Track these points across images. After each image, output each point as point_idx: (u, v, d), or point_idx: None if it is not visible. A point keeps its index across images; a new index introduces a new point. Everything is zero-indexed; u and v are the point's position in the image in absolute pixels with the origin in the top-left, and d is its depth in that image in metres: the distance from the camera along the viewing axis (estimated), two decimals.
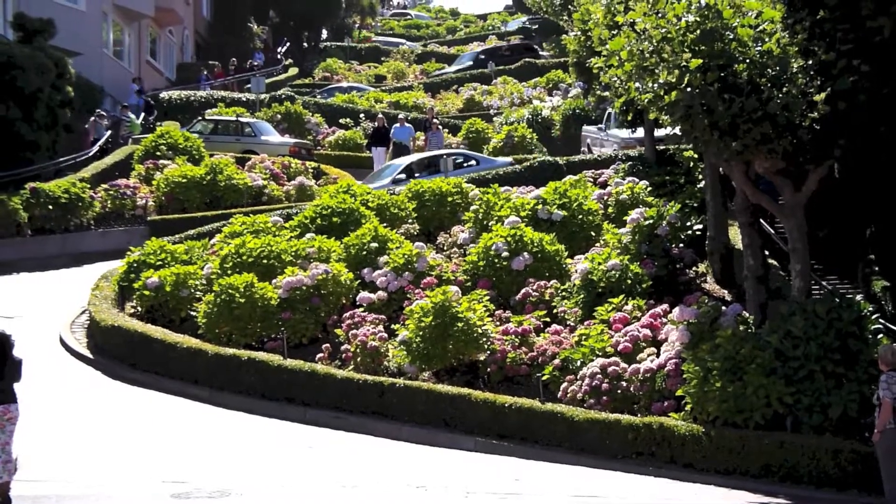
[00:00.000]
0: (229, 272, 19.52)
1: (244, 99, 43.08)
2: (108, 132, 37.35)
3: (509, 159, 30.68)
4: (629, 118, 23.50)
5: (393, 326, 17.84)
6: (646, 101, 14.68)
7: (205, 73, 51.86)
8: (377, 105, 44.58)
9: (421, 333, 16.62)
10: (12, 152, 30.16)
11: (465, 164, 29.50)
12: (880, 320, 14.41)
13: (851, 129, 14.21)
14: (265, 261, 19.78)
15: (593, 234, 20.69)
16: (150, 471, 13.23)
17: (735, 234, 18.54)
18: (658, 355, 15.44)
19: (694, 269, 19.04)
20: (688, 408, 14.27)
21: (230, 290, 18.48)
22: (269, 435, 15.66)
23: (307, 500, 12.33)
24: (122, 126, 38.26)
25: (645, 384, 15.04)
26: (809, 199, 15.17)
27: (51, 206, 28.46)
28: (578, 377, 15.56)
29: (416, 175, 27.86)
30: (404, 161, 29.88)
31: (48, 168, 31.50)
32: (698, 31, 13.95)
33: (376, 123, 36.11)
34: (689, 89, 13.81)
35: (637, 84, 14.89)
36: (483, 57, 54.51)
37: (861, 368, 13.61)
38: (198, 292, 19.86)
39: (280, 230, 21.73)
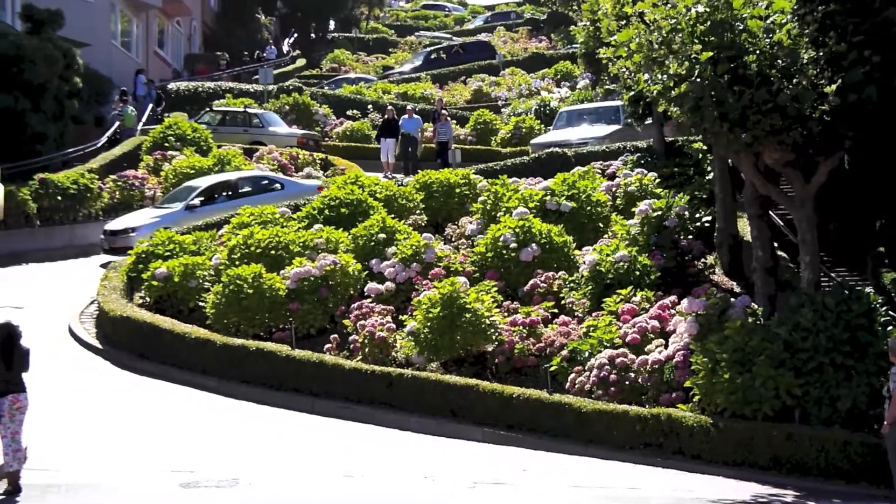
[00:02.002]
0: (237, 263, 19.54)
1: (252, 90, 43.09)
2: (116, 123, 37.40)
3: (317, 182, 28.43)
4: (639, 110, 23.45)
5: (401, 317, 17.84)
6: (654, 92, 14.64)
7: (185, 73, 50.17)
8: (385, 96, 44.55)
9: (429, 324, 16.63)
10: (21, 143, 30.21)
11: (270, 188, 27.38)
12: (890, 312, 14.38)
13: (862, 120, 14.16)
14: (273, 251, 19.79)
15: (601, 225, 20.67)
16: (159, 460, 13.26)
17: (744, 226, 18.51)
18: (666, 347, 15.43)
19: (702, 260, 19.00)
20: (696, 399, 14.26)
21: (238, 281, 18.50)
22: (277, 425, 15.69)
23: (315, 489, 12.35)
24: (116, 117, 38.36)
25: (653, 375, 15.03)
26: (819, 191, 15.12)
27: (59, 197, 28.52)
28: (586, 368, 15.55)
29: (216, 198, 26.28)
30: (203, 183, 26.96)
31: (56, 159, 31.56)
32: (708, 23, 13.90)
33: (386, 115, 36.10)
34: (698, 81, 13.77)
35: (646, 76, 14.85)
36: (434, 57, 52.79)
37: (870, 360, 13.58)
38: (206, 283, 19.88)
39: (288, 221, 21.75)
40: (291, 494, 12.11)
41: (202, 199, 26.09)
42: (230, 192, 26.81)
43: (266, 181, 27.80)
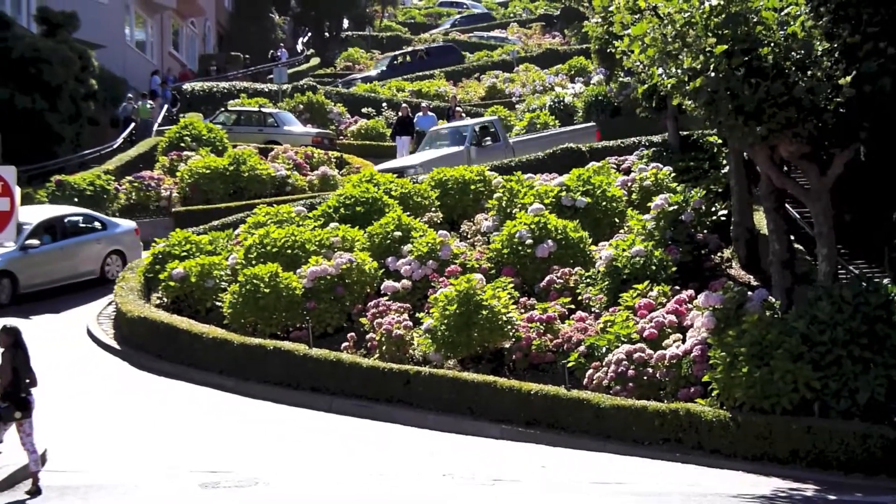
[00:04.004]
0: (254, 262, 19.57)
1: (266, 90, 43.15)
2: (132, 124, 37.55)
3: (133, 224, 25.95)
4: (653, 104, 23.39)
5: (418, 315, 17.84)
6: (669, 86, 14.60)
7: (170, 75, 48.64)
8: (399, 94, 44.55)
9: (446, 321, 16.62)
10: (38, 145, 30.39)
11: (88, 229, 24.59)
12: None
13: (877, 111, 14.09)
14: (289, 251, 19.81)
15: (617, 220, 20.63)
16: (178, 460, 13.29)
17: (760, 219, 18.44)
18: (684, 341, 15.38)
19: (719, 254, 18.95)
20: (714, 394, 14.21)
21: (255, 280, 18.53)
22: (295, 424, 15.71)
23: (333, 488, 12.36)
24: (131, 110, 38.54)
25: (671, 370, 14.99)
26: (835, 183, 15.06)
27: (76, 199, 28.61)
28: (604, 364, 15.52)
29: (42, 238, 23.18)
30: (34, 220, 23.29)
31: (73, 160, 31.70)
32: (723, 15, 13.85)
33: (400, 113, 36.10)
34: (713, 74, 13.72)
35: (660, 70, 14.81)
36: (399, 62, 51.74)
37: (889, 353, 13.51)
38: (223, 283, 19.92)
39: (304, 220, 21.76)
40: (310, 494, 12.13)
41: (35, 237, 23.04)
42: (49, 231, 23.57)
43: (81, 219, 24.79)
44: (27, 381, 11.98)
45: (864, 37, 13.86)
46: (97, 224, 24.97)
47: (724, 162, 20.79)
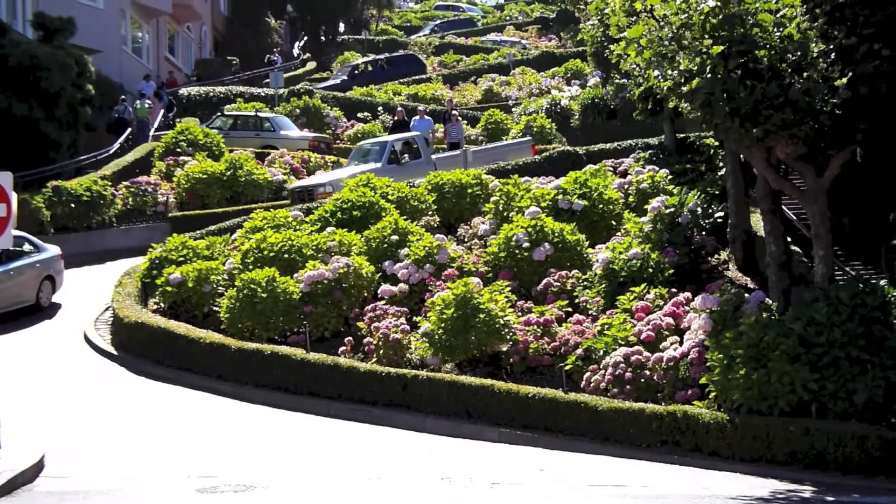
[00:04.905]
0: (251, 267, 19.57)
1: (263, 94, 43.18)
2: (129, 130, 37.53)
3: (58, 249, 23.75)
4: (649, 106, 23.42)
5: (415, 319, 17.85)
6: (665, 88, 14.61)
7: (151, 82, 46.29)
8: (395, 98, 44.57)
9: (443, 325, 16.63)
10: (35, 151, 30.38)
11: (24, 252, 22.60)
12: None
13: (873, 113, 14.11)
14: (286, 255, 19.81)
15: (614, 223, 20.64)
16: (175, 466, 13.27)
17: (757, 221, 18.45)
18: (681, 344, 15.39)
19: (716, 256, 18.96)
20: (712, 396, 14.22)
21: (252, 285, 18.53)
22: (293, 429, 15.70)
23: (332, 493, 12.35)
24: (128, 112, 38.53)
25: (668, 373, 15.00)
26: (832, 185, 15.07)
27: (73, 205, 28.65)
28: (601, 367, 15.53)
29: None
30: None
31: (70, 166, 31.70)
32: (720, 17, 13.86)
33: (396, 116, 36.11)
34: (710, 76, 13.73)
35: (656, 72, 14.82)
36: (358, 72, 51.08)
37: (886, 354, 13.52)
38: (220, 287, 19.93)
39: (300, 224, 21.79)
40: (308, 498, 12.11)
41: None
42: (7, 253, 21.43)
43: (22, 242, 22.72)
44: None
45: (860, 38, 13.88)
46: (28, 247, 22.84)
47: (721, 164, 20.81)
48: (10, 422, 13.62)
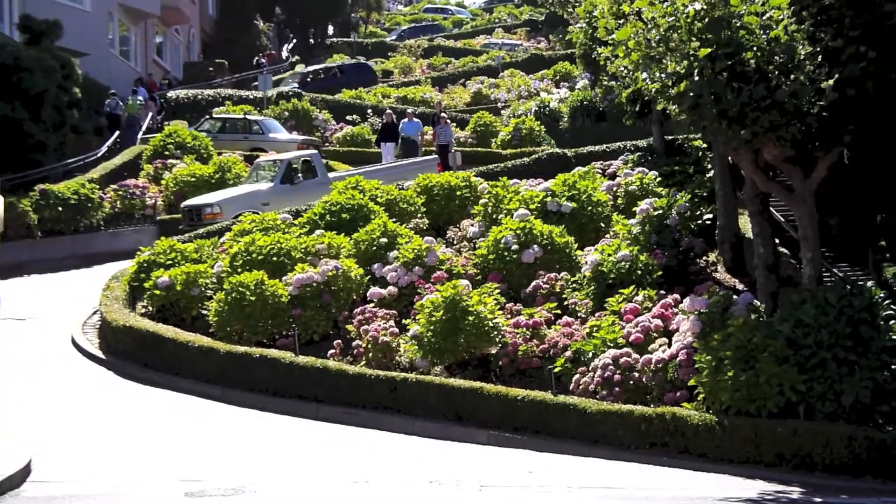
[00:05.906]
0: (239, 270, 19.53)
1: (251, 97, 43.15)
2: (117, 132, 37.47)
3: None
4: (637, 108, 23.45)
5: (404, 321, 17.83)
6: (653, 90, 14.63)
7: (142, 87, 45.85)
8: (384, 101, 44.58)
9: (432, 328, 16.62)
10: (21, 154, 30.30)
11: None
12: (892, 306, 14.31)
13: (860, 115, 14.15)
14: (275, 258, 19.78)
15: (603, 225, 20.67)
16: (164, 470, 13.24)
17: (745, 223, 18.49)
18: (670, 345, 15.41)
19: (704, 258, 19.00)
20: (700, 397, 14.23)
21: (241, 288, 18.49)
22: (282, 432, 15.67)
23: (320, 496, 12.33)
24: (119, 107, 38.45)
25: (657, 375, 15.01)
26: (819, 187, 15.11)
27: (60, 208, 28.57)
28: (590, 369, 15.53)
29: None
30: None
31: (57, 169, 31.62)
32: (706, 20, 13.89)
33: (385, 119, 36.12)
34: (697, 78, 13.76)
35: (644, 74, 14.84)
36: (310, 79, 51.02)
37: (873, 355, 13.54)
38: (208, 291, 19.88)
39: (289, 227, 21.75)
40: (297, 501, 12.09)
41: None
42: None
43: None
44: None
45: (847, 40, 13.92)
46: None
47: (709, 166, 20.84)
48: None
